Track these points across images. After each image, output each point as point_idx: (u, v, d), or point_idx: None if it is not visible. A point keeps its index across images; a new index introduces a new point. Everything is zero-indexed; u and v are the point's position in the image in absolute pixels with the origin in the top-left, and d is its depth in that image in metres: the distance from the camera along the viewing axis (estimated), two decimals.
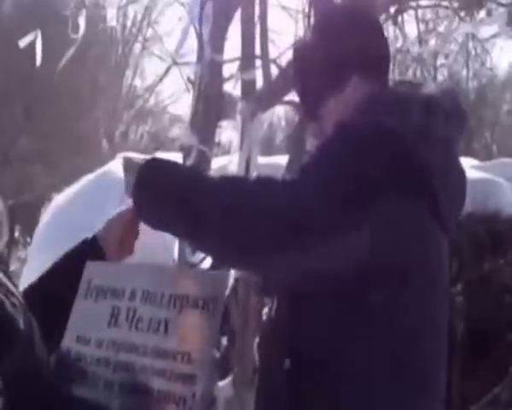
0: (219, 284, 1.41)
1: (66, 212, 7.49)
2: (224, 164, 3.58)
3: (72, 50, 3.90)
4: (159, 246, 3.80)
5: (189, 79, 3.89)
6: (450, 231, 1.65)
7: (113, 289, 1.52)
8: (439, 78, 17.25)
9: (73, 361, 1.47)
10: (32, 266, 7.34)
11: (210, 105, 3.79)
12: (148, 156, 1.77)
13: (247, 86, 3.47)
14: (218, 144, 3.72)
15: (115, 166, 7.69)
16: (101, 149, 19.46)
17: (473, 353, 4.14)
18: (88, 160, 14.61)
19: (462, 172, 1.73)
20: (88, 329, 1.50)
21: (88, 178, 7.95)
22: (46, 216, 7.95)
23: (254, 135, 3.17)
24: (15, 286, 1.44)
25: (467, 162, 7.61)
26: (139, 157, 3.27)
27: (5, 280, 1.38)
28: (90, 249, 1.61)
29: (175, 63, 4.53)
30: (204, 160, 3.73)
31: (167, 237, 1.58)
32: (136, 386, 1.38)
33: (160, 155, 3.90)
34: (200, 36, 3.60)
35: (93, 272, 1.58)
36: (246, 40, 3.44)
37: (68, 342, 1.50)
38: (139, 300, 1.46)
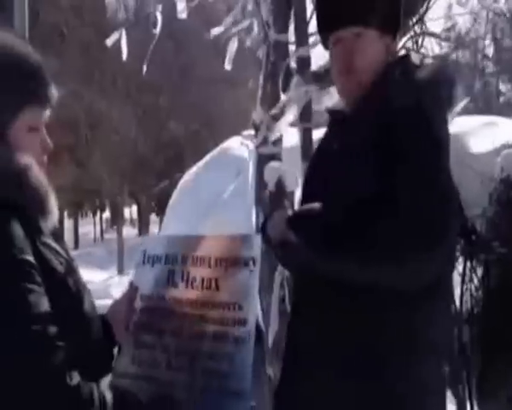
0: (255, 245, 1.68)
1: (191, 187, 8.03)
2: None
3: (152, 45, 4.21)
4: None
5: (256, 57, 4.09)
6: None
7: (166, 255, 1.78)
8: None
9: (143, 315, 1.74)
10: (167, 232, 7.93)
11: (277, 83, 3.97)
12: None
13: (302, 62, 3.61)
14: (288, 120, 3.88)
15: (233, 144, 8.08)
16: (246, 129, 20.05)
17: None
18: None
19: None
20: (149, 288, 1.76)
21: (210, 155, 8.41)
22: (176, 191, 8.55)
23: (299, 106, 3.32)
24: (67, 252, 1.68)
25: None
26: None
27: (55, 245, 1.59)
28: (101, 324, 1.74)
29: None
30: (273, 135, 3.93)
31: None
32: (198, 333, 1.67)
33: None
34: (259, 15, 3.78)
35: (146, 243, 1.89)
36: (299, 17, 3.58)
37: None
38: (190, 263, 1.72)
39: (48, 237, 1.57)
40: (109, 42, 4.36)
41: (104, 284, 16.10)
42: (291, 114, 3.50)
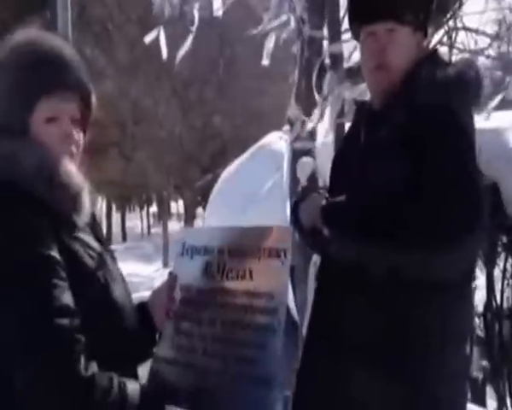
0: (287, 236, 1.75)
1: (232, 181, 8.09)
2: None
3: (189, 41, 4.29)
4: None
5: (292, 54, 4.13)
6: None
7: (204, 247, 1.86)
8: None
9: (182, 305, 1.82)
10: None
11: (311, 79, 4.01)
12: None
13: (335, 59, 3.64)
14: (321, 116, 3.92)
15: (272, 139, 8.12)
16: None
17: None
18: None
19: None
20: (188, 279, 1.84)
21: (249, 150, 8.47)
22: (217, 185, 8.64)
23: (335, 104, 3.36)
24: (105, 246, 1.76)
25: None
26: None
27: (87, 238, 1.65)
28: (141, 313, 1.82)
29: None
30: (307, 130, 3.98)
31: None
32: (233, 321, 1.72)
33: None
34: (293, 11, 3.82)
35: (186, 235, 1.96)
36: (332, 13, 3.61)
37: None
38: (227, 255, 1.80)
39: (80, 230, 1.61)
40: (147, 39, 4.45)
41: (150, 277, 16.35)
42: (325, 110, 3.54)
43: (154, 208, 43.51)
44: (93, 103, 1.68)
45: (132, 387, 1.55)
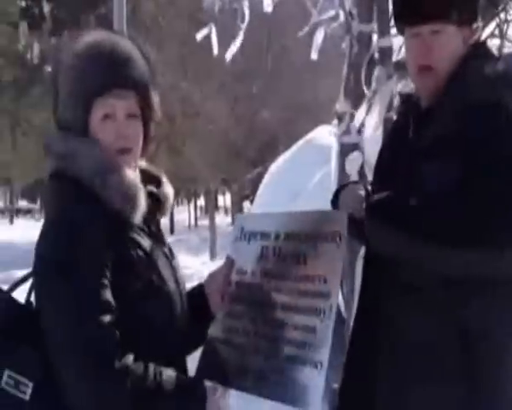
0: (341, 221, 1.77)
1: (280, 174, 8.14)
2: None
3: (239, 38, 4.33)
4: None
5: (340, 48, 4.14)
6: None
7: (261, 232, 1.91)
8: None
9: (237, 288, 1.89)
10: None
11: (360, 73, 4.01)
12: None
13: (383, 53, 3.64)
14: (370, 110, 3.92)
15: (320, 133, 8.13)
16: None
17: None
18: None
19: None
20: (244, 263, 1.90)
21: (297, 145, 8.49)
22: (265, 179, 8.70)
23: (384, 98, 3.36)
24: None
25: None
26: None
27: (139, 238, 1.68)
28: (197, 294, 1.90)
29: None
30: (356, 125, 3.98)
31: None
32: (285, 305, 1.77)
33: None
34: (342, 5, 3.83)
35: (243, 220, 2.03)
36: (380, 7, 3.61)
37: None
38: (282, 240, 1.85)
39: (133, 228, 1.66)
40: (199, 36, 4.51)
41: (197, 269, 16.50)
42: (373, 104, 3.55)
43: (201, 202, 43.88)
44: (152, 99, 1.72)
45: (168, 374, 1.60)
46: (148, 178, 1.82)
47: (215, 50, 4.50)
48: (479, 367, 1.75)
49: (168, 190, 1.85)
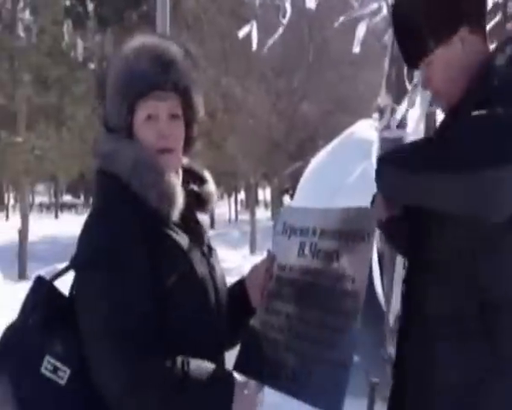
0: (371, 219, 1.77)
1: (320, 169, 8.14)
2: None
3: (279, 32, 4.36)
4: None
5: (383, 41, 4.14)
6: None
7: (301, 228, 1.91)
8: None
9: (275, 283, 1.91)
10: None
11: (402, 67, 4.01)
12: None
13: None
14: (412, 104, 3.93)
15: (361, 127, 8.12)
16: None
17: None
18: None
19: None
20: (283, 258, 1.92)
21: (339, 138, 8.49)
22: (305, 173, 8.72)
23: (426, 93, 3.35)
24: None
25: None
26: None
27: (175, 236, 1.72)
28: (238, 289, 1.94)
29: None
30: (397, 119, 3.99)
31: None
32: (317, 303, 1.78)
33: None
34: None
35: (286, 215, 2.04)
36: None
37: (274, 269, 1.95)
38: (318, 236, 1.85)
39: (169, 226, 1.70)
40: (241, 34, 4.55)
41: (237, 264, 16.61)
42: (415, 99, 3.55)
43: (241, 196, 44.02)
44: (194, 101, 1.78)
45: (196, 364, 1.63)
46: (192, 176, 1.87)
47: (254, 46, 4.54)
48: (499, 329, 1.73)
49: (211, 188, 1.89)
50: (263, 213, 37.65)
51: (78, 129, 19.67)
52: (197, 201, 1.85)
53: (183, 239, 1.74)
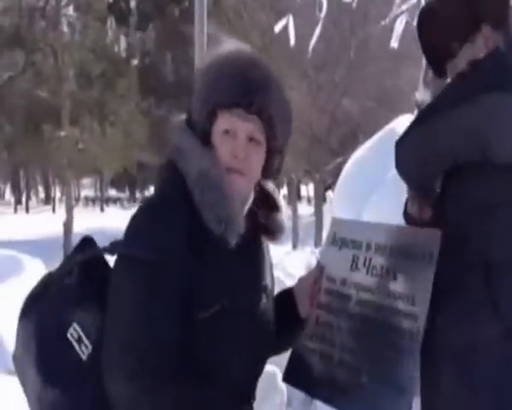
0: (435, 239, 1.70)
1: (360, 164, 8.02)
2: None
3: (318, 29, 4.32)
4: None
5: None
6: None
7: (353, 241, 1.85)
8: None
9: (325, 295, 1.84)
10: (335, 211, 8.04)
11: None
12: None
13: None
14: None
15: (401, 123, 7.99)
16: None
17: None
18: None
19: None
20: (334, 270, 1.85)
21: (378, 134, 8.37)
22: (345, 169, 8.61)
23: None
24: None
25: None
26: None
27: (226, 263, 1.61)
28: (284, 298, 1.86)
29: None
30: None
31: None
32: (371, 321, 1.73)
33: None
34: None
35: (337, 226, 1.95)
36: None
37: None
38: (373, 251, 1.79)
39: (222, 248, 1.57)
40: (277, 28, 4.52)
41: (280, 259, 16.61)
42: None
43: (284, 191, 43.99)
44: (278, 131, 1.66)
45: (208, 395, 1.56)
46: (265, 200, 1.77)
47: (292, 41, 4.50)
48: (502, 300, 1.74)
49: (282, 218, 1.78)
50: (305, 209, 37.51)
51: (121, 124, 19.94)
52: (266, 229, 1.76)
53: (233, 264, 1.62)
